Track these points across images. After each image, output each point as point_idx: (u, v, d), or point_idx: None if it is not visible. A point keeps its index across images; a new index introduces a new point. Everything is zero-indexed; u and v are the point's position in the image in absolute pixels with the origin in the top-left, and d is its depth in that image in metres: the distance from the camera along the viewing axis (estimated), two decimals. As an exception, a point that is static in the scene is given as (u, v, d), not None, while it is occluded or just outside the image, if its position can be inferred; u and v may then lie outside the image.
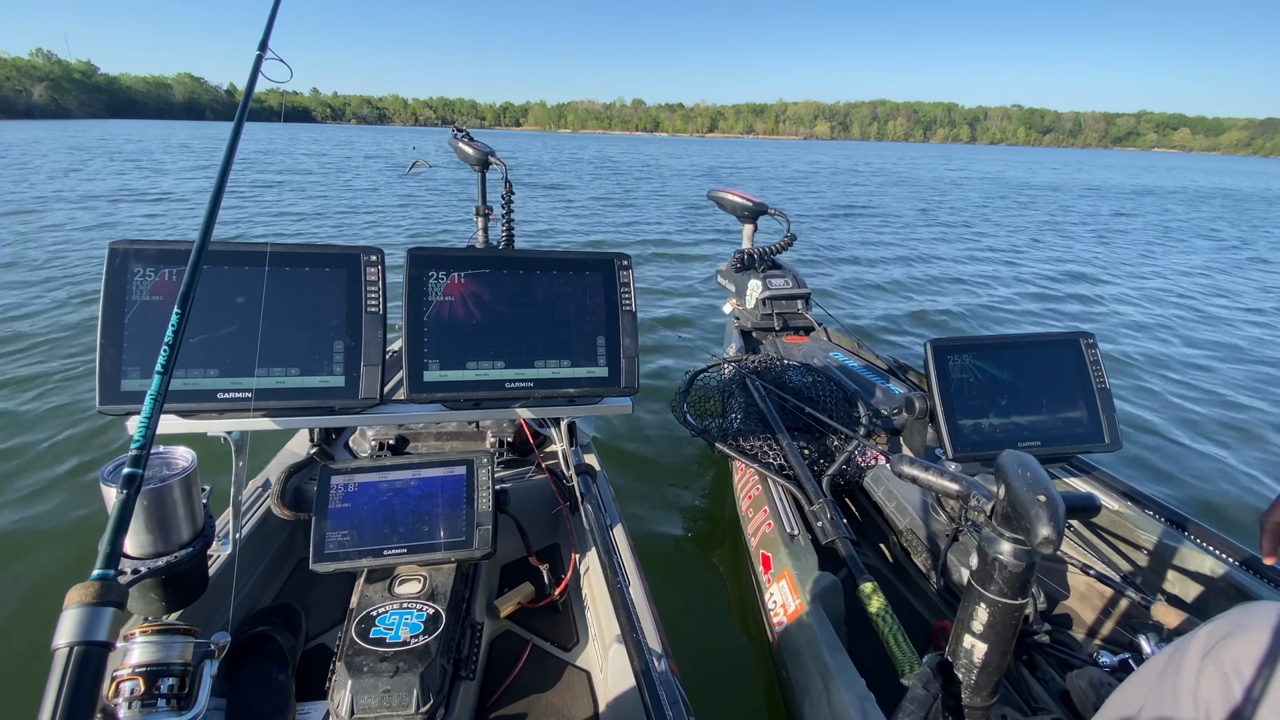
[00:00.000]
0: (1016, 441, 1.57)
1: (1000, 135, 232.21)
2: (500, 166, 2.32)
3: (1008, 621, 0.94)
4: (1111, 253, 10.08)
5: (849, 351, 2.90)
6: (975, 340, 1.62)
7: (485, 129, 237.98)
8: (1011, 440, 1.57)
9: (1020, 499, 0.85)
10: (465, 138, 2.34)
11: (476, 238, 2.51)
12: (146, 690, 0.81)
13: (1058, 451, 1.61)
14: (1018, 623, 0.95)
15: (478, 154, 2.30)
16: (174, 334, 0.87)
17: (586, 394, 1.39)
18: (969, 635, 0.98)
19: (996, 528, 0.92)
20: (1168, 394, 4.24)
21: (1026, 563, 0.90)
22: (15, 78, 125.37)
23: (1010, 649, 0.97)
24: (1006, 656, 0.97)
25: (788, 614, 1.50)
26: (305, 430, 1.76)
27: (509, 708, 1.25)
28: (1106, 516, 1.74)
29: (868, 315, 5.89)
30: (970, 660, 0.98)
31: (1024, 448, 1.55)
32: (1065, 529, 0.82)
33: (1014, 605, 0.93)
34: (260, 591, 1.47)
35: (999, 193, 20.68)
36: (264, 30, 1.17)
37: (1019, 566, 0.90)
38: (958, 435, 1.55)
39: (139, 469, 0.76)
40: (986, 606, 0.94)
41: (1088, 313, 6.41)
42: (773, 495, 1.85)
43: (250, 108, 1.13)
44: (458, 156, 2.35)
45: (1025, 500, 0.84)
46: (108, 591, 0.65)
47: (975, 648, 0.97)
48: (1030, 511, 0.83)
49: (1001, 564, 0.91)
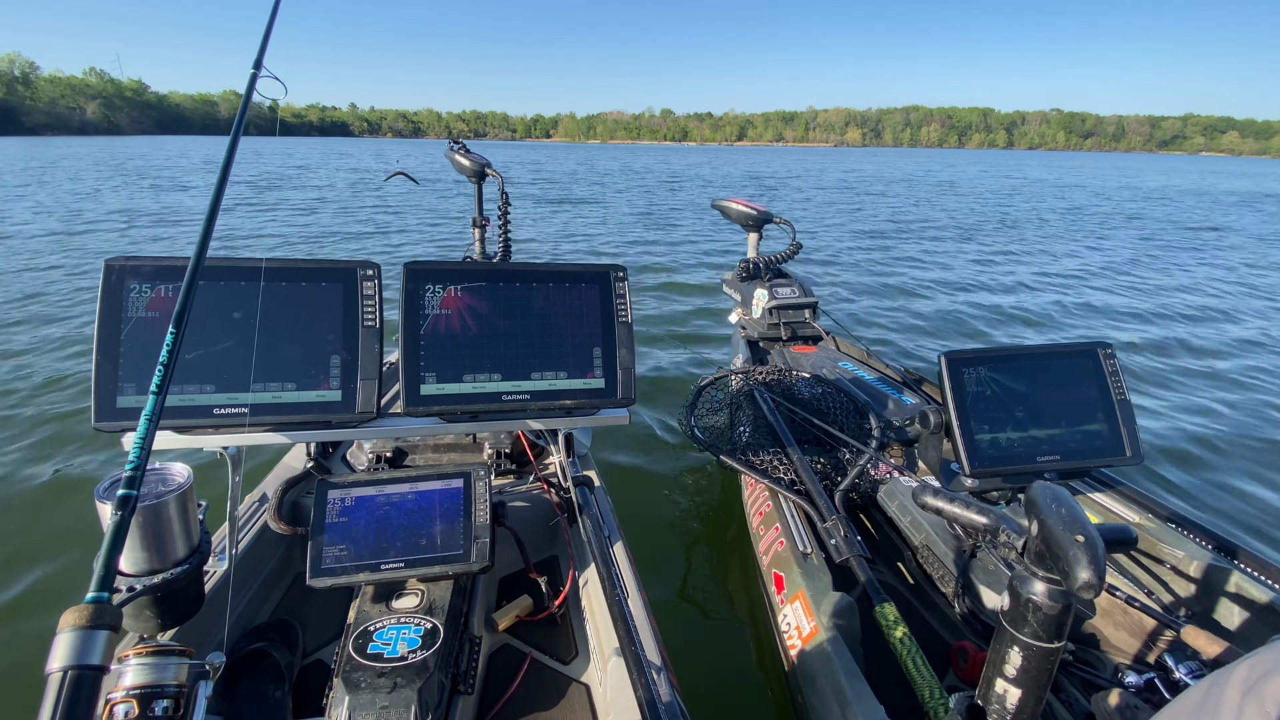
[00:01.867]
0: (1035, 456, 1.52)
1: (1039, 140, 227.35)
2: (497, 178, 2.32)
3: (1043, 666, 0.88)
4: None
5: (859, 361, 2.85)
6: (991, 352, 1.58)
7: (516, 140, 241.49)
8: (1030, 455, 1.52)
9: (1056, 538, 0.80)
10: (462, 149, 2.35)
11: (473, 249, 2.51)
12: (141, 713, 0.81)
13: (1078, 466, 1.55)
14: (1053, 667, 0.89)
15: (474, 165, 2.30)
16: (169, 353, 0.87)
17: (583, 405, 1.39)
18: (1001, 679, 0.92)
19: (1030, 566, 0.87)
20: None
21: (1063, 604, 0.84)
22: (70, 95, 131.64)
23: (1045, 694, 0.91)
24: (1042, 702, 0.91)
25: (802, 637, 1.45)
26: (302, 445, 1.76)
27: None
28: (1144, 539, 1.68)
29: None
30: (1003, 706, 0.92)
31: (1043, 462, 1.51)
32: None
33: (1049, 649, 0.87)
34: (257, 607, 1.46)
35: (1105, 204, 18.98)
36: (259, 49, 1.18)
37: (1054, 609, 0.84)
38: (975, 450, 1.50)
39: (134, 490, 0.76)
40: (1020, 650, 0.88)
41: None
42: (784, 512, 1.80)
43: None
44: (454, 169, 2.36)
45: (1061, 540, 0.79)
46: (102, 614, 0.64)
47: (1008, 693, 0.91)
48: (1068, 553, 0.77)
49: (1035, 605, 0.85)
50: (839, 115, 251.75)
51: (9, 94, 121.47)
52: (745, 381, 2.41)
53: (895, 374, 2.68)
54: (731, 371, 2.52)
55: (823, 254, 9.60)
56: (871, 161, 58.06)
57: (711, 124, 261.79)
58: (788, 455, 1.98)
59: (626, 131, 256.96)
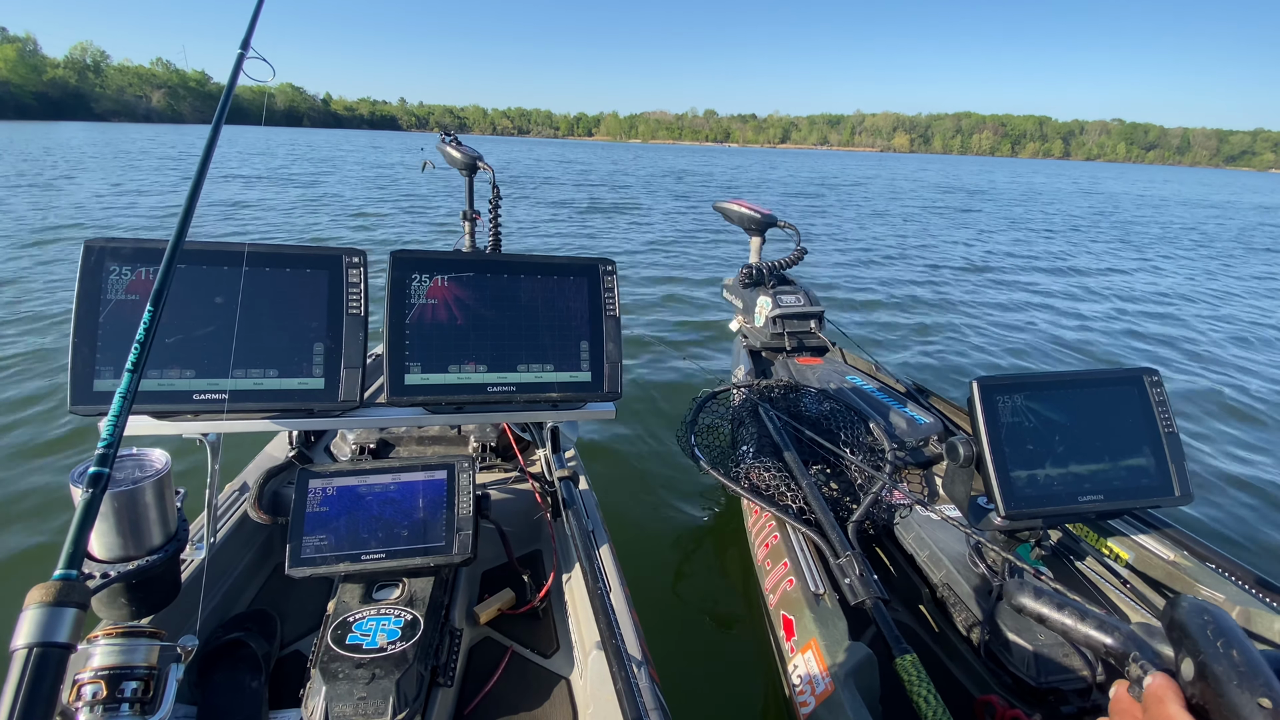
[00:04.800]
0: (1077, 496, 1.39)
1: (1097, 151, 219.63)
2: (488, 171, 2.31)
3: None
4: None
5: (866, 375, 2.71)
6: (1027, 379, 1.45)
7: (559, 138, 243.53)
8: (1071, 495, 1.39)
9: (1228, 696, 0.58)
10: (454, 142, 2.34)
11: (463, 242, 2.49)
12: (109, 694, 0.80)
13: (1122, 506, 1.43)
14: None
15: (465, 158, 2.28)
16: (145, 332, 0.85)
17: (569, 398, 1.38)
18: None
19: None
20: None
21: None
22: (137, 84, 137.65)
23: None
24: None
25: (816, 694, 1.33)
26: (284, 434, 1.74)
27: (487, 714, 1.23)
28: (1176, 577, 1.56)
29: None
30: None
31: (1085, 503, 1.39)
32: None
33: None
34: (235, 597, 1.44)
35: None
36: (246, 29, 1.16)
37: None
38: (1010, 488, 1.36)
39: (105, 468, 0.75)
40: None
41: None
42: (793, 545, 1.68)
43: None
44: (445, 161, 2.34)
45: (1236, 701, 0.57)
46: (69, 592, 0.63)
47: None
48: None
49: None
50: (887, 120, 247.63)
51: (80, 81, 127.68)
52: (749, 395, 2.28)
53: (903, 387, 2.56)
54: (734, 385, 2.40)
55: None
56: (931, 169, 55.68)
57: (755, 125, 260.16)
58: (797, 481, 1.84)
59: (668, 132, 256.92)
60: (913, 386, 2.56)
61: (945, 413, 2.37)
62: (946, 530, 1.71)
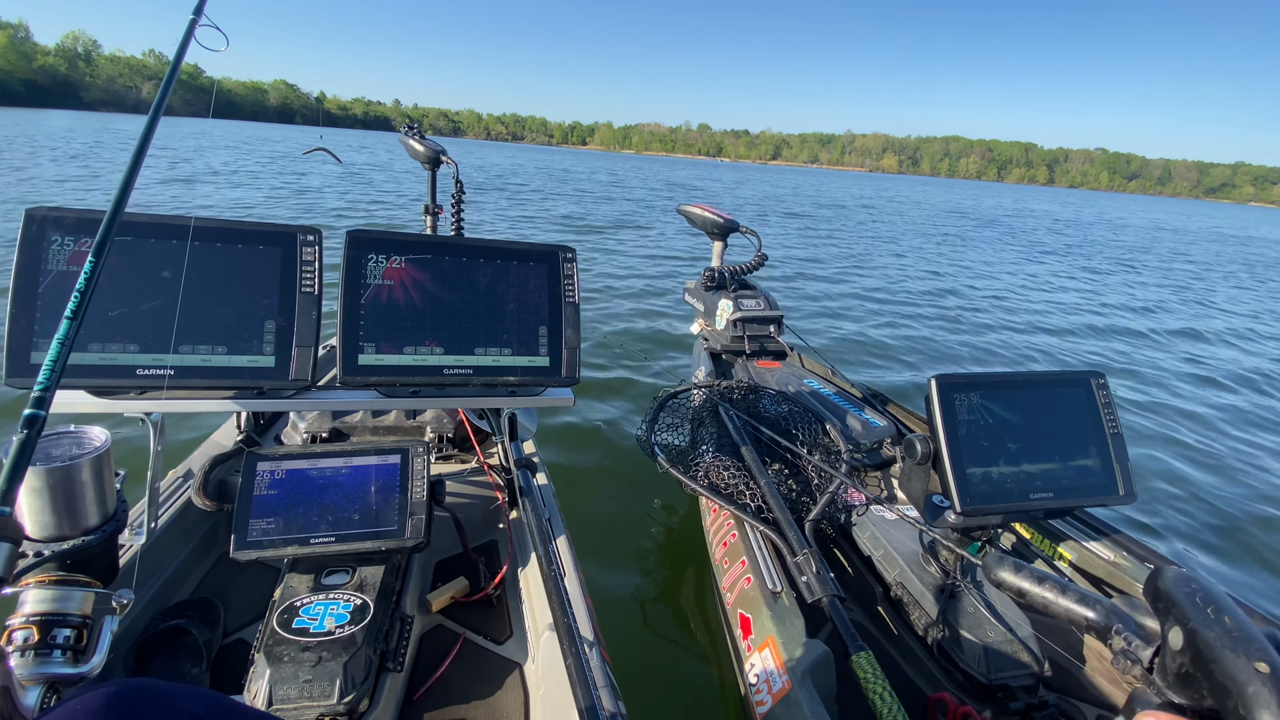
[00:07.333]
0: (1029, 494, 1.43)
1: (1080, 179, 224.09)
2: (451, 165, 2.30)
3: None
4: None
5: (823, 379, 2.77)
6: (983, 377, 1.48)
7: (552, 146, 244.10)
8: (1024, 492, 1.43)
9: (1221, 664, 0.57)
10: (417, 135, 2.32)
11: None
12: (41, 639, 0.78)
13: (1071, 504, 1.47)
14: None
15: (428, 151, 2.27)
16: (86, 280, 0.83)
17: (527, 383, 1.37)
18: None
19: (1164, 690, 0.63)
20: None
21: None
22: (127, 75, 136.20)
23: None
24: None
25: (772, 691, 1.32)
26: (233, 419, 1.70)
27: (436, 699, 1.21)
28: (1117, 576, 1.61)
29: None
30: None
31: (1037, 499, 1.43)
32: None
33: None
34: (176, 585, 1.39)
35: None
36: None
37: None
38: (967, 485, 1.40)
39: (42, 410, 0.74)
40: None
41: None
42: (751, 544, 1.67)
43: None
44: (408, 153, 2.32)
45: (1230, 668, 0.56)
46: (2, 526, 0.63)
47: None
48: (1244, 690, 0.54)
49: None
50: (876, 141, 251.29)
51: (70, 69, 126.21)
52: (709, 395, 2.29)
53: (858, 392, 2.61)
54: (695, 385, 2.41)
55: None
56: (922, 190, 54.56)
57: (747, 141, 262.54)
58: (755, 479, 1.85)
59: (662, 144, 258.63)
60: (868, 392, 2.61)
61: (899, 417, 2.41)
62: (902, 530, 1.74)
